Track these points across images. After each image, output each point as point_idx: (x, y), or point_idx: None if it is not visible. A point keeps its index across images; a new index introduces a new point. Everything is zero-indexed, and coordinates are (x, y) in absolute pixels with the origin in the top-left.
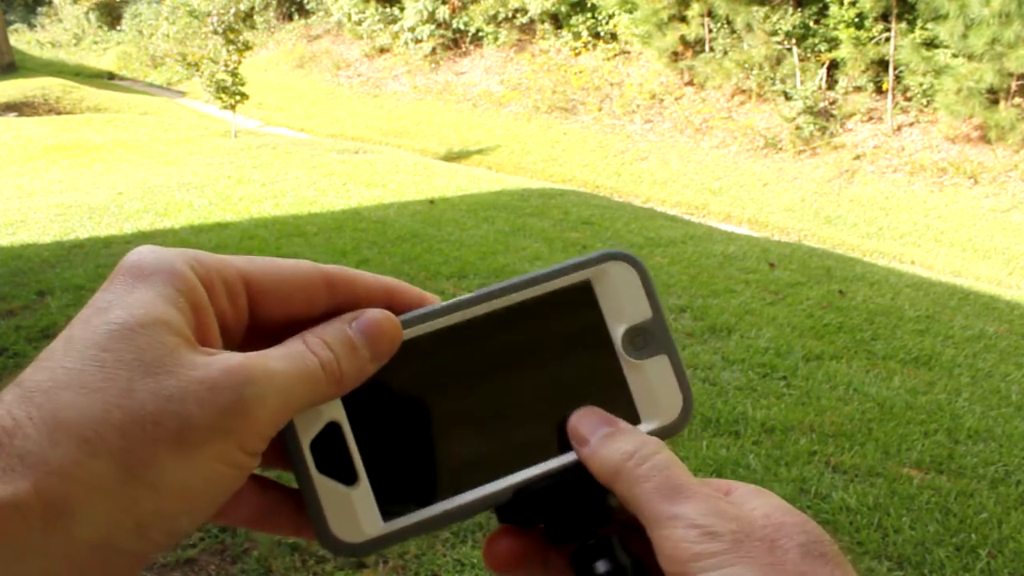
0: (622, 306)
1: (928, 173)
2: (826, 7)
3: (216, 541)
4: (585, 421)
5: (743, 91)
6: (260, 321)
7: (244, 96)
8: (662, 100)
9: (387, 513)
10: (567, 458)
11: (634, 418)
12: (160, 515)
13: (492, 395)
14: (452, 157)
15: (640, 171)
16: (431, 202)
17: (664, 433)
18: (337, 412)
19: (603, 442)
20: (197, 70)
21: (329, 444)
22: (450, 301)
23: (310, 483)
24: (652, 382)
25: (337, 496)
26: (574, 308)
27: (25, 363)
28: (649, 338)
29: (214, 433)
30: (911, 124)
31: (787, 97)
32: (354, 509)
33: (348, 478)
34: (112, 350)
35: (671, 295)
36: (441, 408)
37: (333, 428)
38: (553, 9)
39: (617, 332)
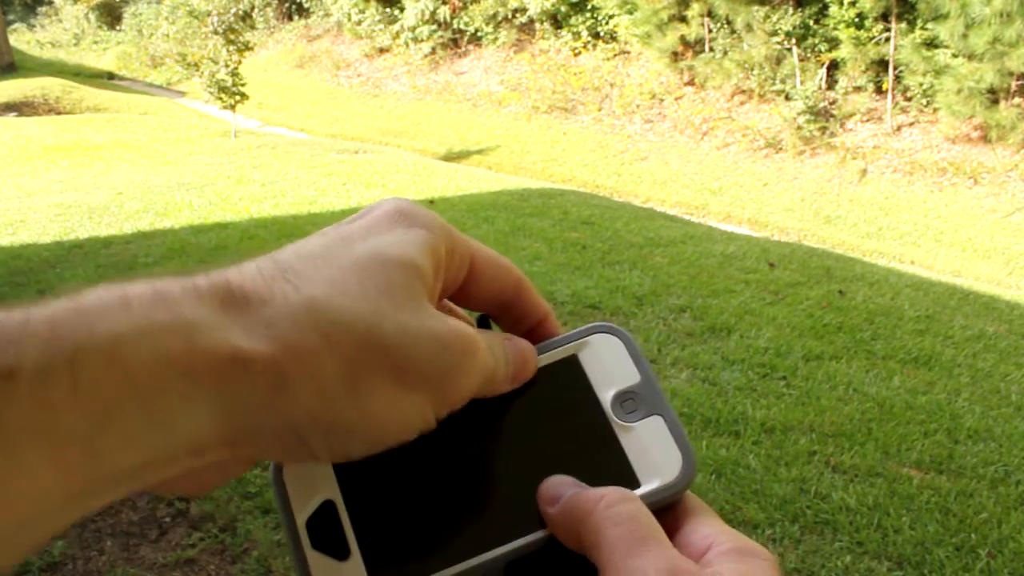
0: (609, 373)
1: (928, 173)
2: (826, 7)
3: (216, 541)
4: (555, 483)
5: (743, 91)
6: (458, 295)
7: (244, 96)
8: (662, 100)
9: None
10: None
11: (633, 480)
12: (349, 429)
13: (485, 469)
14: (452, 157)
15: (640, 171)
16: (431, 202)
17: (667, 492)
18: (332, 490)
19: (575, 495)
20: (197, 70)
21: (323, 520)
22: None
23: (303, 558)
24: (647, 443)
25: (329, 570)
26: (562, 380)
27: None
28: (640, 401)
29: (426, 384)
30: (911, 124)
31: (787, 97)
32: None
33: (341, 553)
34: (369, 271)
35: (671, 295)
36: (433, 483)
37: (328, 506)
38: (553, 9)
39: (606, 398)
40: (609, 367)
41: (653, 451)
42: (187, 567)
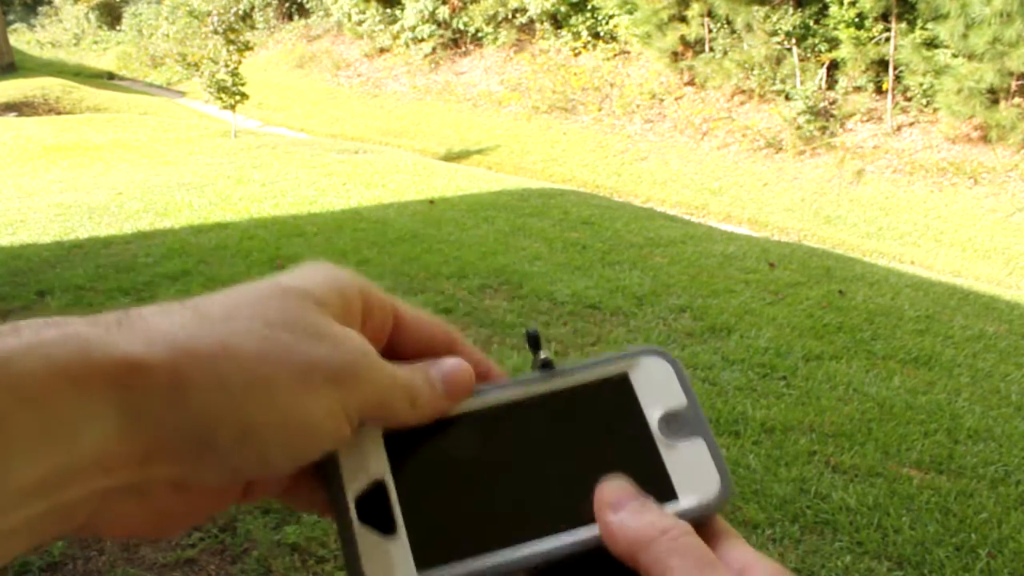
0: (657, 394)
1: (928, 173)
2: (826, 7)
3: (216, 541)
4: (617, 488)
5: (743, 91)
6: (388, 350)
7: (244, 96)
8: (662, 100)
9: (421, 563)
10: (599, 531)
11: (672, 494)
12: (260, 431)
13: (531, 467)
14: (452, 157)
15: (640, 171)
16: (431, 202)
17: (703, 510)
18: (383, 469)
19: (638, 512)
20: (197, 70)
21: (372, 498)
22: (500, 382)
23: (351, 531)
24: (688, 462)
25: (374, 544)
26: (612, 395)
27: None
28: (684, 423)
29: (330, 380)
30: (911, 124)
31: (787, 97)
32: (390, 557)
33: (387, 529)
34: (267, 299)
35: (671, 295)
36: (481, 476)
37: (378, 484)
38: (553, 9)
39: (653, 416)
40: (658, 388)
41: (693, 470)
42: (187, 567)
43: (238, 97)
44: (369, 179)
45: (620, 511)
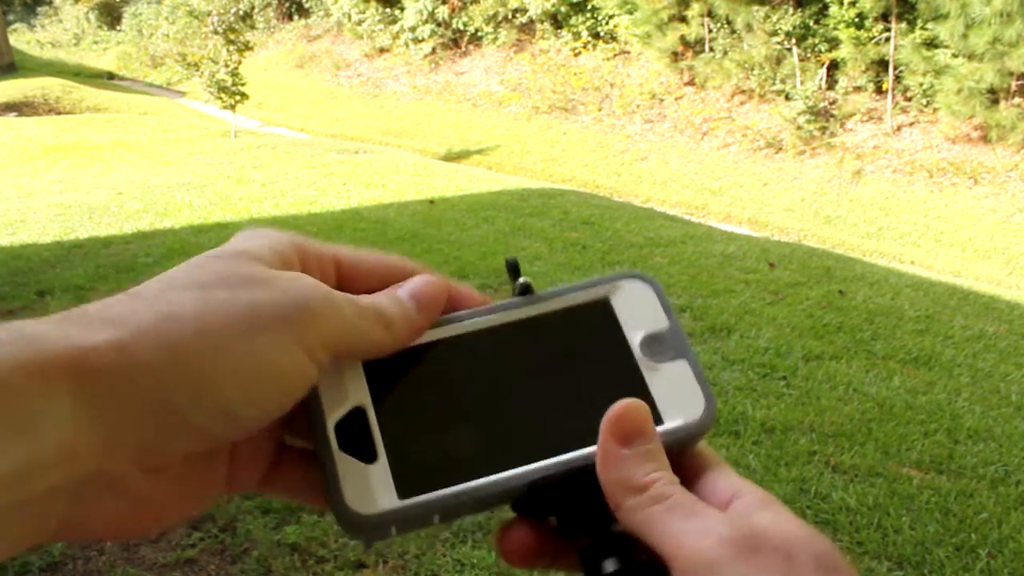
0: (639, 317)
1: (928, 173)
2: (826, 7)
3: (216, 541)
4: (629, 419)
5: (743, 91)
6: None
7: (244, 96)
8: (662, 100)
9: (403, 491)
10: (585, 453)
11: (657, 416)
12: (216, 382)
13: (513, 392)
14: (452, 157)
15: (640, 171)
16: (431, 202)
17: (689, 430)
18: (363, 396)
19: (636, 457)
20: (197, 70)
21: (353, 425)
22: (479, 308)
23: (331, 458)
24: (671, 384)
25: (355, 471)
26: (593, 318)
27: None
28: (667, 345)
29: (281, 321)
30: (911, 124)
31: (787, 97)
32: (370, 484)
33: (368, 456)
34: (199, 266)
35: (671, 295)
36: (463, 401)
37: (358, 412)
38: (553, 9)
39: (635, 339)
40: (639, 311)
41: (677, 391)
42: (187, 567)
43: (238, 97)
44: (369, 179)
45: (625, 445)
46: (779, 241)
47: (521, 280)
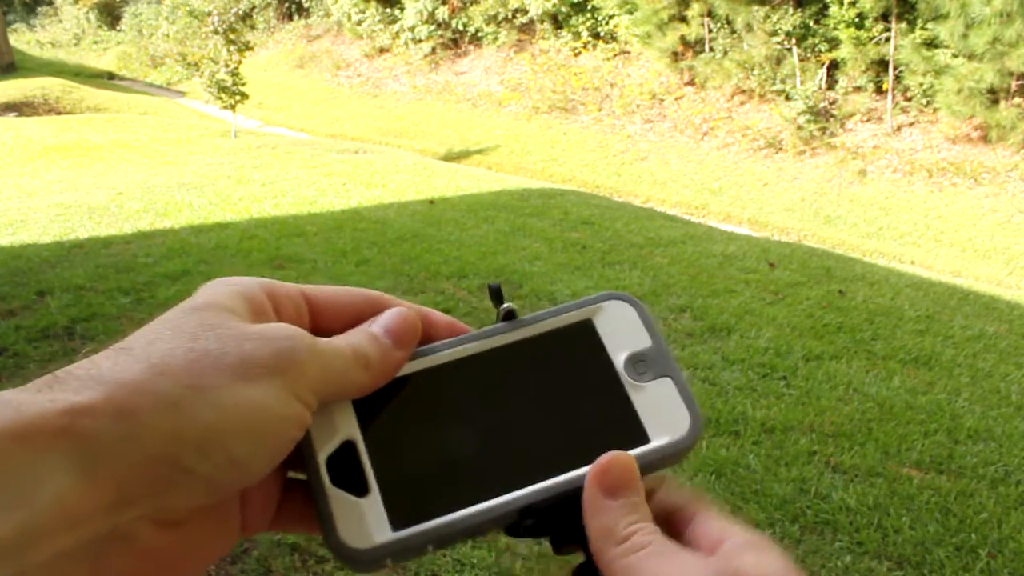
0: (622, 337)
1: (928, 173)
2: (826, 7)
3: None
4: (615, 474)
5: (743, 91)
6: (316, 330)
7: (244, 96)
8: (662, 100)
9: (396, 523)
10: (573, 476)
11: (643, 435)
12: (219, 434)
13: (501, 417)
14: (452, 157)
15: (640, 171)
16: (431, 202)
17: (675, 447)
18: (352, 430)
19: (620, 509)
20: (197, 70)
21: (343, 459)
22: (463, 335)
23: (323, 494)
24: (657, 402)
25: (348, 506)
26: (577, 341)
27: (25, 363)
28: (651, 363)
29: (269, 369)
30: (911, 124)
31: (787, 97)
32: (364, 518)
33: (360, 490)
34: (180, 320)
35: (671, 295)
36: (453, 429)
37: (348, 446)
38: (553, 9)
39: (619, 359)
40: (622, 331)
41: (663, 409)
42: None
43: (238, 97)
44: (369, 179)
45: (611, 497)
46: (779, 241)
47: (504, 306)
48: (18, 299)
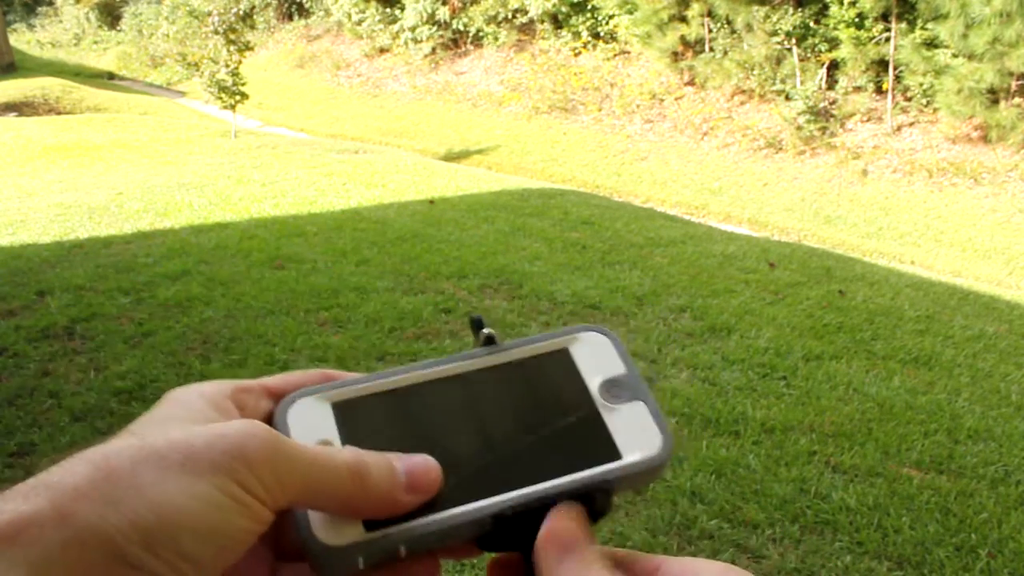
0: (597, 364)
1: (928, 173)
2: (826, 7)
3: None
4: (561, 539)
5: (743, 91)
6: None
7: (244, 96)
8: (662, 100)
9: (369, 523)
10: (547, 486)
11: (615, 453)
12: (164, 528)
13: (478, 431)
14: (452, 157)
15: (640, 171)
16: (431, 202)
17: (647, 464)
18: (330, 431)
19: (572, 566)
20: (197, 70)
21: None
22: (448, 356)
23: None
24: (629, 423)
25: (325, 516)
26: (554, 366)
27: (25, 363)
28: (624, 388)
29: (215, 466)
30: (911, 124)
31: (787, 97)
32: (339, 520)
33: None
34: (139, 425)
35: (671, 295)
36: (430, 440)
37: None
38: (553, 10)
39: (593, 383)
40: (597, 359)
41: (635, 429)
42: None
43: (238, 97)
44: (369, 179)
45: (563, 552)
46: (779, 241)
47: (485, 331)
48: (18, 299)
